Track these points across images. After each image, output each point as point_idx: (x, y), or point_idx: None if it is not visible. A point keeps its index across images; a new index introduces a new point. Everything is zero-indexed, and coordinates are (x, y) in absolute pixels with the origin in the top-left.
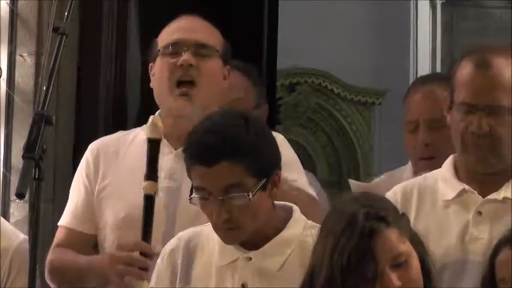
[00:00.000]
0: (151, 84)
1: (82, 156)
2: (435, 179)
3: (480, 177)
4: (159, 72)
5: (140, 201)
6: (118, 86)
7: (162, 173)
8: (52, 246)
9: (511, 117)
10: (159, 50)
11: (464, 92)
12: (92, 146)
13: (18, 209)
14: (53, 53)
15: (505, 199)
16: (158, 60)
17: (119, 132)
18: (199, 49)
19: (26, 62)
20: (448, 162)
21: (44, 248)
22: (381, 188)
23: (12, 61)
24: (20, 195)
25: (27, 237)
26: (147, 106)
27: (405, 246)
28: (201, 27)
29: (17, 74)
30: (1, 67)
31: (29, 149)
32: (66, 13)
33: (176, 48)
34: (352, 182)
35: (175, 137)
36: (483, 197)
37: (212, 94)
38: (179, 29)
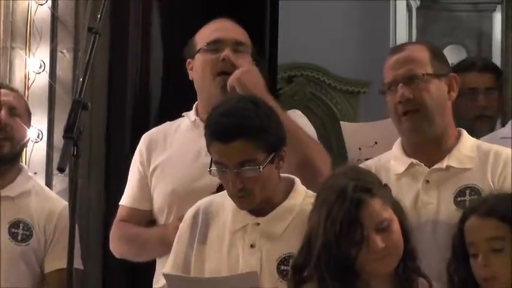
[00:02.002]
0: (191, 77)
1: (113, 137)
2: (387, 158)
3: (424, 150)
4: (201, 66)
5: (184, 177)
6: (143, 77)
7: (203, 152)
8: (115, 221)
9: (432, 84)
10: (199, 49)
11: (386, 74)
12: (144, 137)
13: (59, 181)
14: (88, 49)
15: (448, 167)
16: (199, 56)
17: (166, 123)
18: (237, 46)
19: (65, 57)
20: (397, 143)
21: (80, 216)
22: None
23: (54, 57)
24: (60, 169)
25: (67, 203)
26: (167, 96)
27: (387, 213)
28: (236, 28)
29: (57, 67)
30: (44, 62)
31: (68, 131)
32: (98, 15)
33: (217, 45)
34: (344, 124)
35: None
36: (429, 167)
37: (249, 85)
38: (218, 29)
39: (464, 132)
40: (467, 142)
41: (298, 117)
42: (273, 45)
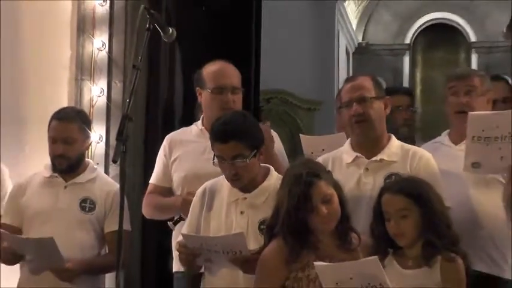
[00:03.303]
0: (199, 100)
1: (150, 141)
2: (341, 152)
3: (366, 147)
4: (210, 101)
5: (193, 167)
6: (169, 98)
7: (206, 150)
8: (146, 194)
9: (375, 103)
10: (208, 88)
11: (344, 95)
12: (167, 138)
13: (113, 169)
14: (132, 80)
15: (381, 159)
16: (207, 94)
17: (182, 128)
18: (234, 90)
19: (117, 85)
20: (347, 142)
21: (127, 194)
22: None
23: (110, 86)
24: (114, 161)
25: (119, 185)
26: (186, 112)
27: (330, 191)
28: (234, 74)
29: (112, 93)
30: (103, 89)
31: (119, 135)
32: (140, 56)
33: (221, 90)
34: (303, 137)
35: None
36: (368, 159)
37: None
38: (221, 74)
39: (393, 136)
40: (395, 143)
41: (275, 140)
42: (257, 76)
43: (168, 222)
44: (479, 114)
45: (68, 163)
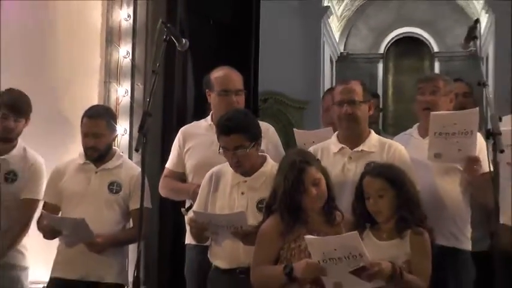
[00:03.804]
0: (209, 100)
1: (166, 133)
2: (329, 143)
3: (350, 140)
4: (218, 102)
5: (203, 156)
6: (183, 97)
7: (214, 142)
8: (162, 177)
9: (362, 106)
10: (215, 91)
11: (336, 96)
12: (181, 130)
13: (136, 157)
14: (152, 82)
15: (362, 150)
16: (215, 96)
17: (194, 122)
18: (238, 92)
19: (139, 87)
20: (334, 135)
21: (148, 177)
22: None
23: (133, 87)
24: (136, 150)
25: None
26: (197, 109)
27: (318, 175)
28: (238, 78)
29: (135, 93)
30: (127, 90)
31: (140, 128)
32: (158, 63)
33: (226, 92)
34: (296, 131)
35: None
36: (351, 150)
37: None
38: (226, 79)
39: (372, 131)
40: (374, 137)
41: (272, 133)
42: (255, 79)
43: (182, 209)
44: (440, 114)
45: (97, 154)
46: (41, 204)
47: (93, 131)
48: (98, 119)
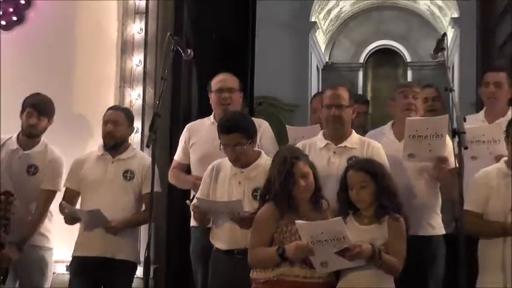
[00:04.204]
0: (211, 101)
1: (173, 131)
2: (316, 140)
3: (335, 137)
4: (215, 100)
5: (206, 151)
6: (187, 100)
7: (216, 138)
8: (170, 168)
9: (347, 109)
10: (213, 90)
11: (325, 99)
12: (187, 126)
13: (147, 152)
14: (161, 87)
15: (345, 146)
16: (213, 94)
17: (197, 120)
18: (231, 90)
19: (150, 91)
20: (320, 133)
21: (158, 167)
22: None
23: (144, 91)
24: (147, 146)
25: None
26: (200, 110)
27: (307, 169)
28: (231, 79)
29: (146, 96)
30: (140, 94)
31: (151, 128)
32: (166, 70)
33: (220, 91)
34: (288, 127)
35: None
36: (335, 145)
37: (236, 107)
38: (221, 80)
39: (354, 131)
40: (355, 135)
41: (266, 128)
42: (252, 85)
43: (187, 201)
44: (414, 119)
45: (114, 141)
46: (59, 194)
47: (112, 118)
48: (118, 110)
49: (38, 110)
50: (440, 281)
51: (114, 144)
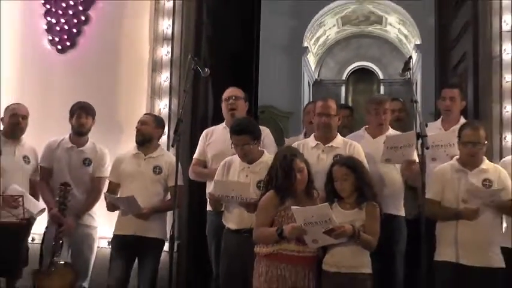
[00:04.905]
0: (222, 110)
1: (194, 135)
2: (308, 140)
3: (323, 139)
4: (224, 107)
5: (219, 149)
6: (205, 110)
7: (228, 139)
8: (191, 164)
9: (334, 117)
10: (223, 100)
11: (318, 109)
12: (204, 131)
13: (172, 151)
14: (183, 99)
15: (331, 146)
16: (223, 103)
17: (213, 126)
18: (236, 98)
19: (174, 101)
20: (312, 135)
21: (181, 165)
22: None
23: (170, 102)
24: (172, 145)
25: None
26: (214, 118)
27: (302, 164)
28: (237, 90)
29: (171, 106)
30: (166, 104)
31: (175, 130)
32: (188, 85)
33: (228, 98)
34: (286, 140)
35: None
36: (324, 145)
37: (241, 113)
38: (229, 92)
39: (338, 134)
40: (339, 137)
41: (267, 133)
42: (256, 96)
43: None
44: (392, 136)
45: (142, 138)
46: (107, 181)
47: (142, 120)
48: (148, 115)
49: (85, 111)
50: (403, 254)
51: (143, 140)
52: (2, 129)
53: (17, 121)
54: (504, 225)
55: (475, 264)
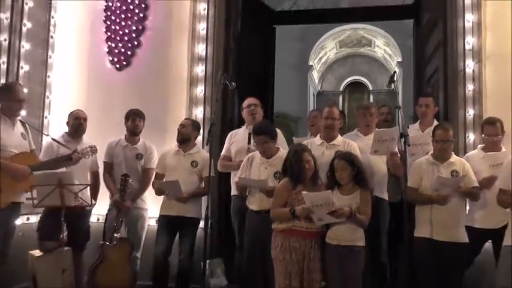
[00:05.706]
0: (243, 116)
1: (224, 136)
2: (315, 140)
3: (327, 138)
4: (245, 113)
5: (241, 147)
6: (232, 115)
7: (247, 139)
8: (220, 159)
9: (337, 121)
10: (243, 108)
11: (325, 113)
12: (230, 133)
13: (206, 148)
14: (215, 107)
15: (333, 143)
16: (244, 110)
17: (237, 129)
18: (255, 106)
19: (208, 109)
20: (318, 135)
21: (214, 159)
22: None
23: (205, 109)
24: (206, 144)
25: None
26: (240, 121)
27: (310, 157)
28: (254, 99)
29: (206, 112)
30: (202, 110)
31: (209, 132)
32: (218, 95)
33: (249, 106)
34: (295, 139)
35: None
36: (327, 143)
37: (259, 117)
38: (249, 100)
39: (339, 135)
40: (340, 137)
41: (279, 134)
42: (272, 104)
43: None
44: (380, 131)
45: (181, 138)
46: (154, 172)
47: (182, 123)
48: (187, 120)
49: (138, 115)
50: (386, 230)
51: (182, 139)
52: (67, 130)
53: (79, 123)
54: (467, 207)
55: (445, 240)
